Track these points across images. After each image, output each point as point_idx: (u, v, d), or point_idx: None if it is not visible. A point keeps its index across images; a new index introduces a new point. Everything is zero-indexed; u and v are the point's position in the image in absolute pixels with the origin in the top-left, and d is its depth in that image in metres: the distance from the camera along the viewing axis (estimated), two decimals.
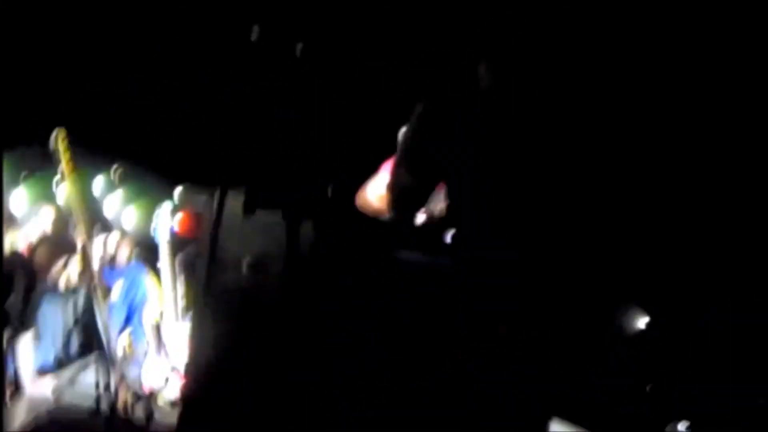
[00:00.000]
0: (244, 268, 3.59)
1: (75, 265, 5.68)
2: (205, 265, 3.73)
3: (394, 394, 3.27)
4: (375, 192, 3.67)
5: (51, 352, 5.73)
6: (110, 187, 7.85)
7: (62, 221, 5.80)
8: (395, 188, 3.26)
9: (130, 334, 6.26)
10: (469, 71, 2.96)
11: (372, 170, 3.80)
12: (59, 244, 5.62)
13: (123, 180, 7.90)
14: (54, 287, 5.67)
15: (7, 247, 5.99)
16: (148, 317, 6.24)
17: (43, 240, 5.77)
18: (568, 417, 4.18)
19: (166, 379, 5.70)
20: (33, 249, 5.74)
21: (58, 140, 4.82)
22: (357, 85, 4.47)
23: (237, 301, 3.73)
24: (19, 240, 5.86)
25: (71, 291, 5.75)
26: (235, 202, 3.82)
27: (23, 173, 7.00)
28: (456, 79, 3.03)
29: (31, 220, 6.24)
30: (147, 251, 6.75)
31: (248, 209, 3.72)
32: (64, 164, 4.84)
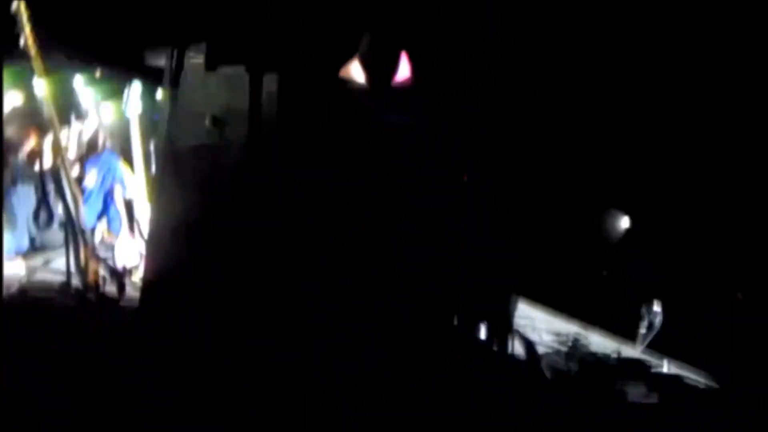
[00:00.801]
0: (208, 123, 3.54)
1: (48, 147, 5.62)
2: (166, 120, 3.70)
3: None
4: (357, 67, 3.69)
5: (24, 234, 5.74)
6: (86, 79, 7.74)
7: (33, 103, 5.70)
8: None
9: (108, 219, 6.30)
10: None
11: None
12: (30, 124, 5.53)
13: (99, 73, 7.77)
14: (26, 168, 5.62)
15: None
16: (121, 201, 6.26)
17: (13, 118, 5.67)
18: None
19: (140, 256, 5.71)
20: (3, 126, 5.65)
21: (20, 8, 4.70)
22: None
23: (201, 157, 3.69)
24: None
25: (44, 174, 5.71)
26: (197, 57, 3.76)
27: None
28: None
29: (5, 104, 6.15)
30: (121, 140, 6.70)
31: (211, 64, 3.66)
32: (27, 33, 4.72)
